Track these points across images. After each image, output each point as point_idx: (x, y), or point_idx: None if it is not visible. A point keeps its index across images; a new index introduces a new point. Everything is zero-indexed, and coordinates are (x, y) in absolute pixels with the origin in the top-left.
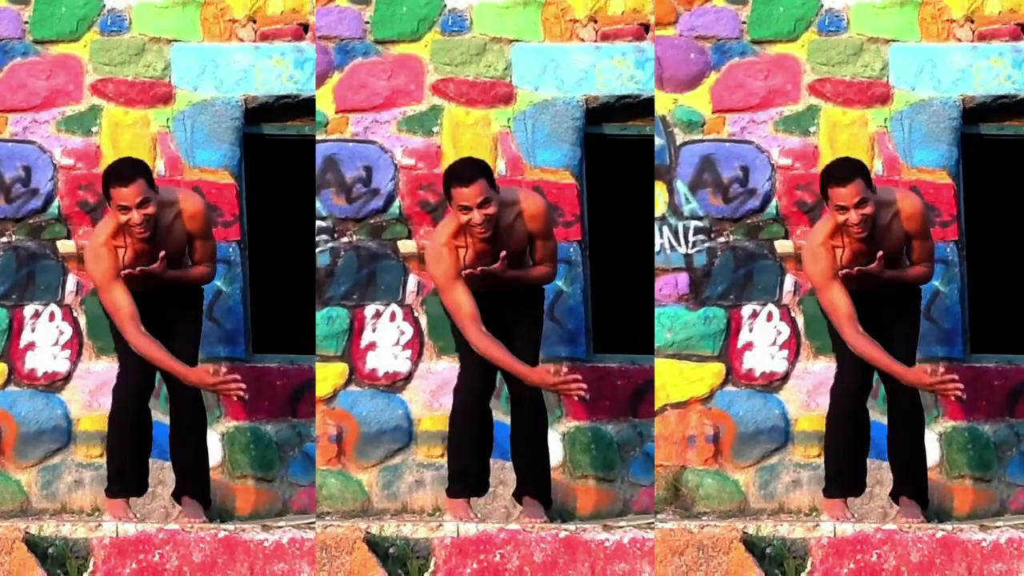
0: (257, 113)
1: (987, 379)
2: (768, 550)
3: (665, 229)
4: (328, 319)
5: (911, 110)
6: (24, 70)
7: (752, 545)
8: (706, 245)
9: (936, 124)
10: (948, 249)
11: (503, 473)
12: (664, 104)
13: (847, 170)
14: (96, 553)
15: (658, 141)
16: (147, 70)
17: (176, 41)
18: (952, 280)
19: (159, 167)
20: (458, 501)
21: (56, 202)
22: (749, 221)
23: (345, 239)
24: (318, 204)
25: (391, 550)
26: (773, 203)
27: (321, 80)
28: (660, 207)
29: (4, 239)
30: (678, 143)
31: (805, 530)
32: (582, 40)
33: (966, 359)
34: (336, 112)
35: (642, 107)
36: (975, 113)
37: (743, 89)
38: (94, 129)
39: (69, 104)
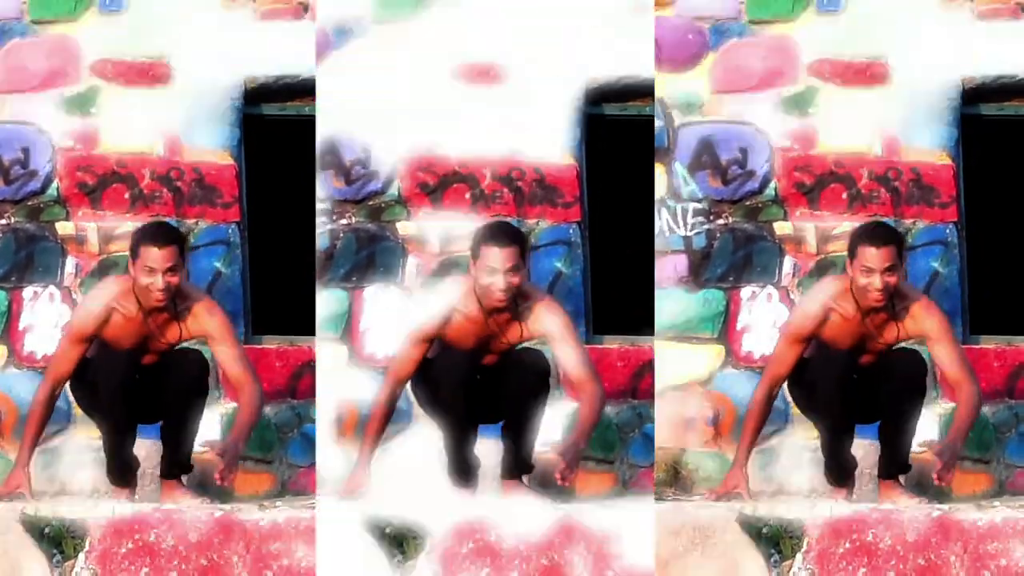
0: (257, 94)
1: (986, 360)
2: (765, 530)
3: (664, 211)
4: (327, 301)
5: (911, 91)
6: (22, 50)
7: (749, 525)
8: (705, 227)
9: (936, 105)
10: (947, 230)
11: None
12: (662, 85)
13: (884, 233)
14: (92, 532)
15: (656, 123)
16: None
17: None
18: (951, 261)
19: (158, 149)
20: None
21: (55, 184)
22: (748, 203)
23: (344, 221)
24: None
25: (387, 530)
26: (772, 185)
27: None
28: (659, 189)
29: (3, 221)
30: (676, 125)
31: (802, 510)
32: None
33: (966, 340)
34: None
35: (642, 88)
36: (975, 94)
37: (741, 70)
38: (93, 110)
39: (68, 85)
